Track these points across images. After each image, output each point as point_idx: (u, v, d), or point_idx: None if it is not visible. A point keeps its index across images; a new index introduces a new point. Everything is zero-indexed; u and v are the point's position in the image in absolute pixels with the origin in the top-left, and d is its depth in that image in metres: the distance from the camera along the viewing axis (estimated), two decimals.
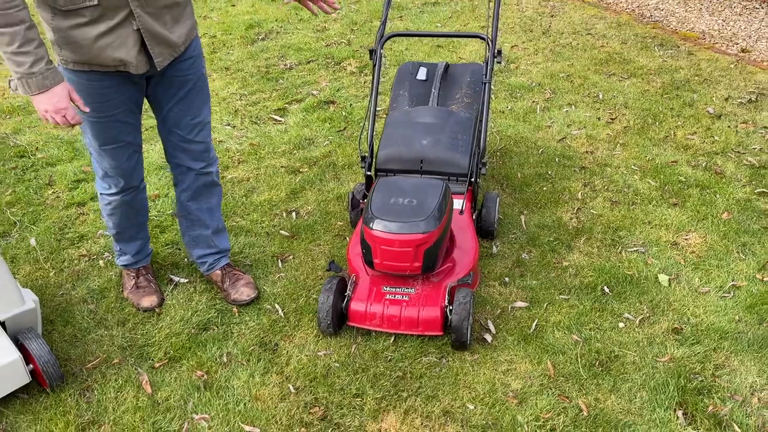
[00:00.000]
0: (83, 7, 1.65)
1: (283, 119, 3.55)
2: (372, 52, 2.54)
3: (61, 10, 1.66)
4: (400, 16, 4.88)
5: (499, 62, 2.51)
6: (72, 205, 2.85)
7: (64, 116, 1.68)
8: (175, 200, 2.27)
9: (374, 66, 2.54)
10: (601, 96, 3.65)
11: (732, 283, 2.29)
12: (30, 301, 1.96)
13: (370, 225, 2.00)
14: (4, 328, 1.90)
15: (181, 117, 2.02)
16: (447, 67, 2.76)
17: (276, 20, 4.94)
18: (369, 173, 2.44)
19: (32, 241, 2.59)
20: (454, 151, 2.38)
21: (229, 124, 3.50)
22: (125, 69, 1.78)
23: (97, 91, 1.82)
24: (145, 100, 2.01)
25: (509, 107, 3.56)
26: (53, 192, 2.96)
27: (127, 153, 1.99)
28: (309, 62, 4.23)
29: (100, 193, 2.12)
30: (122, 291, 2.31)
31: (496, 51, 2.46)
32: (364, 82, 3.92)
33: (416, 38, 4.40)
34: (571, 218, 2.66)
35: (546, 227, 2.61)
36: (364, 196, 2.46)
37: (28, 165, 3.17)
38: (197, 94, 2.02)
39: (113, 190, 2.07)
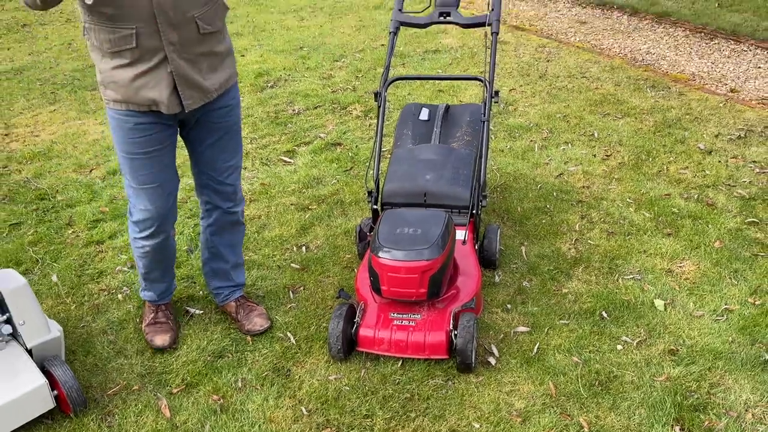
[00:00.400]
0: (124, 50, 1.82)
1: (292, 160, 3.71)
2: (377, 94, 2.71)
3: (108, 53, 1.84)
4: (403, 63, 5.10)
5: (497, 102, 2.67)
6: (91, 244, 2.98)
7: None
8: (200, 232, 2.40)
9: (379, 107, 2.69)
10: (596, 134, 3.81)
11: (725, 306, 2.38)
12: (55, 330, 2.08)
13: (378, 253, 2.12)
14: (31, 355, 2.00)
15: (214, 160, 2.15)
16: (447, 108, 2.92)
17: (284, 69, 5.17)
18: (375, 207, 2.57)
19: (54, 278, 2.71)
20: (456, 185, 2.52)
21: None
22: (157, 108, 1.92)
23: (134, 128, 1.97)
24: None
25: (508, 146, 3.72)
26: (73, 231, 3.09)
27: (161, 195, 2.09)
28: (316, 107, 4.42)
29: (133, 237, 2.20)
30: (141, 322, 2.41)
31: (493, 92, 2.63)
32: (369, 125, 4.09)
33: (418, 83, 4.60)
34: (569, 248, 2.78)
35: (545, 257, 2.72)
36: (371, 229, 2.59)
37: (49, 207, 3.32)
38: (230, 139, 2.16)
39: (145, 234, 2.16)
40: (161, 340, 2.29)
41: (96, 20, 1.81)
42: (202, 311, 2.49)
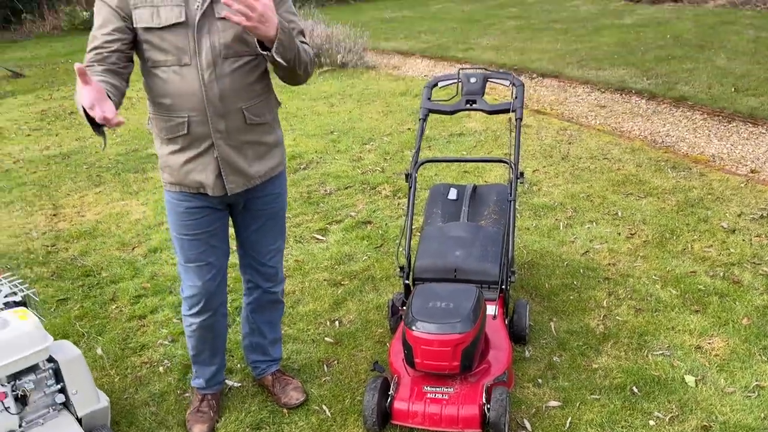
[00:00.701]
0: (177, 136, 2.00)
1: (324, 238, 3.86)
2: (408, 176, 2.87)
3: (164, 139, 2.03)
4: (429, 146, 5.31)
5: (522, 183, 2.81)
6: (134, 318, 3.11)
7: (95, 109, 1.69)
8: (241, 308, 2.51)
9: (410, 188, 2.85)
10: (620, 213, 3.91)
11: (756, 383, 2.39)
12: (104, 400, 2.17)
13: (412, 326, 2.20)
14: (81, 424, 2.09)
15: (258, 243, 2.29)
16: (475, 188, 3.07)
17: (316, 151, 5.42)
18: (407, 282, 2.68)
19: (99, 350, 2.83)
20: (485, 261, 2.62)
21: None
22: (204, 191, 2.08)
23: (185, 210, 2.12)
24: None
25: (534, 224, 3.83)
26: (116, 306, 3.23)
27: (208, 273, 2.20)
28: (347, 188, 4.61)
29: (183, 315, 2.31)
30: (187, 406, 2.47)
31: (518, 173, 2.77)
32: (398, 204, 4.25)
33: (445, 164, 4.79)
34: (598, 324, 2.83)
35: (575, 333, 2.77)
36: (403, 303, 2.68)
37: (94, 283, 3.48)
38: (274, 225, 2.29)
39: (193, 311, 2.26)
40: (198, 429, 2.33)
41: (156, 110, 2.01)
42: (240, 384, 2.56)
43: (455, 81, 3.07)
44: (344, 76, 8.17)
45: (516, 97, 2.98)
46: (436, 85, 3.12)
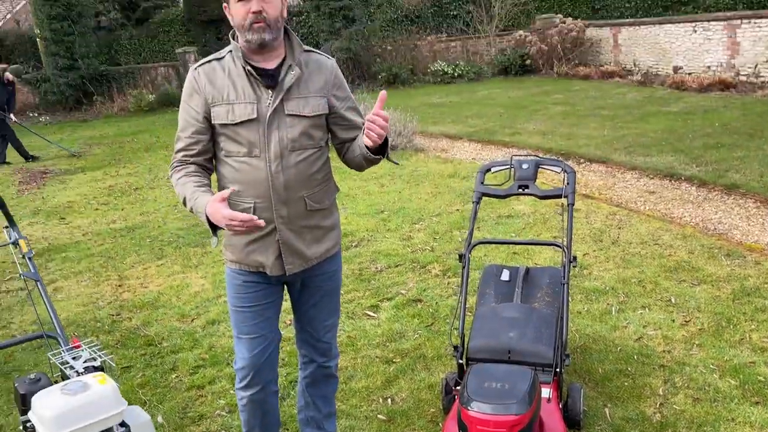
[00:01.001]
0: None
1: (375, 315, 3.94)
2: (461, 256, 2.97)
3: None
4: (478, 227, 5.42)
5: (575, 266, 2.87)
6: (192, 388, 3.21)
7: (228, 227, 1.93)
8: (297, 381, 2.59)
9: (463, 268, 2.94)
10: (673, 300, 3.89)
11: None
12: None
13: (467, 406, 2.24)
14: None
15: (314, 320, 2.39)
16: (527, 270, 3.14)
17: (367, 230, 5.58)
18: (461, 362, 2.72)
19: (159, 418, 2.93)
20: (539, 344, 2.65)
21: None
22: (264, 270, 2.21)
23: (242, 285, 2.25)
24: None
25: (585, 308, 3.83)
26: (176, 376, 3.35)
27: (259, 346, 2.28)
28: (397, 266, 4.72)
29: (235, 388, 2.38)
30: None
31: (571, 257, 2.84)
32: (448, 284, 4.32)
33: (494, 245, 4.87)
34: (654, 413, 2.78)
35: (630, 420, 2.73)
36: (457, 383, 2.71)
37: (156, 352, 3.62)
38: (328, 302, 2.39)
39: (243, 384, 2.32)
40: None
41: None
42: None
43: (508, 167, 3.20)
44: (394, 157, 8.45)
45: (567, 183, 3.08)
46: (489, 170, 3.26)
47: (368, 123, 2.04)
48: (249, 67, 2.09)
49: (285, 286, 2.36)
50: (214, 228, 1.99)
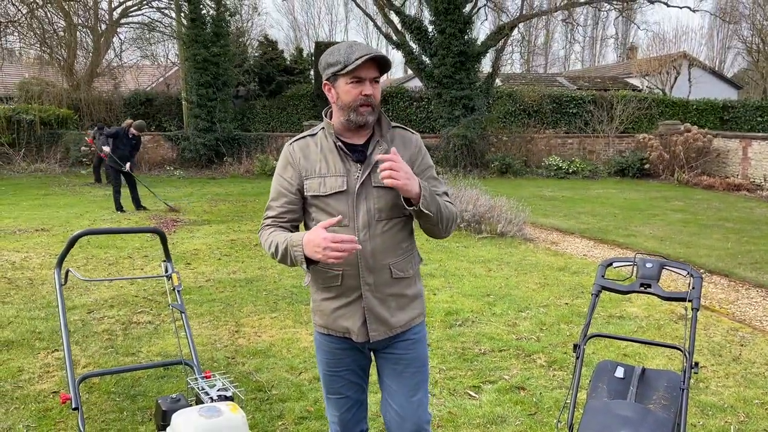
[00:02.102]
0: (332, 287, 2.29)
1: (477, 396, 3.93)
2: (576, 346, 2.97)
3: (320, 287, 2.33)
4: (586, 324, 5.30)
5: (695, 373, 2.78)
6: None
7: (328, 250, 2.04)
8: None
9: (577, 358, 2.93)
10: None
11: None
12: None
13: None
14: None
15: (397, 393, 2.37)
16: (644, 370, 3.07)
17: (471, 311, 5.62)
18: None
19: None
20: None
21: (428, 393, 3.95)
22: (349, 335, 2.33)
23: (331, 350, 2.39)
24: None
25: (701, 423, 3.64)
26: (282, 423, 3.50)
27: (345, 405, 2.44)
28: (501, 350, 4.70)
29: None
30: None
31: (693, 362, 2.76)
32: (553, 376, 4.25)
33: (603, 345, 4.75)
34: None
35: None
36: None
37: (265, 398, 3.81)
38: (412, 374, 2.37)
39: None
40: None
41: (316, 263, 2.25)
42: None
43: (631, 263, 3.20)
44: (503, 244, 8.50)
45: (693, 288, 3.03)
46: (611, 264, 3.27)
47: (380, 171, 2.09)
48: (340, 143, 2.27)
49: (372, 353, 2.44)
50: (309, 262, 2.13)
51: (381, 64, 2.20)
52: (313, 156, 2.28)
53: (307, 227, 2.34)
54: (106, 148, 11.29)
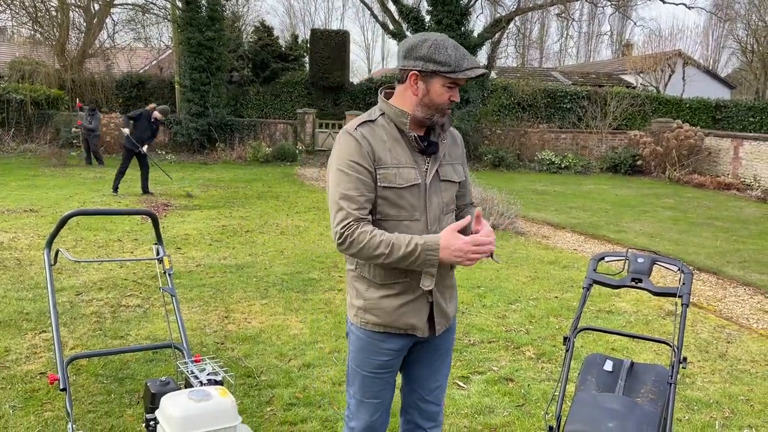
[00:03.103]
0: (396, 282, 2.18)
1: (466, 386, 3.95)
2: (566, 339, 2.98)
3: (379, 284, 2.19)
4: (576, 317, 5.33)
5: (684, 368, 2.80)
6: (285, 423, 3.34)
7: (470, 254, 2.06)
8: None
9: (567, 350, 2.94)
10: None
11: None
12: None
13: None
14: None
15: (427, 380, 2.39)
16: (632, 364, 3.08)
17: (462, 303, 5.63)
18: None
19: None
20: None
21: None
22: (413, 332, 2.25)
23: (380, 351, 2.25)
24: None
25: (686, 417, 3.67)
26: (271, 409, 3.49)
27: (379, 410, 2.33)
28: (490, 342, 4.72)
29: None
30: None
31: (681, 357, 2.78)
32: (542, 368, 4.27)
33: (592, 338, 4.78)
34: None
35: None
36: None
37: (253, 384, 3.80)
38: (442, 362, 2.41)
39: None
40: None
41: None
42: None
43: (623, 258, 3.21)
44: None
45: (684, 284, 3.05)
46: (603, 258, 3.28)
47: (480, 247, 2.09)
48: (414, 135, 2.16)
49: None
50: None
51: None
52: (380, 144, 2.15)
53: (372, 223, 2.20)
54: (126, 130, 11.13)
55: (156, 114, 11.12)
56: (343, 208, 2.08)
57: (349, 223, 2.07)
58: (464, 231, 2.17)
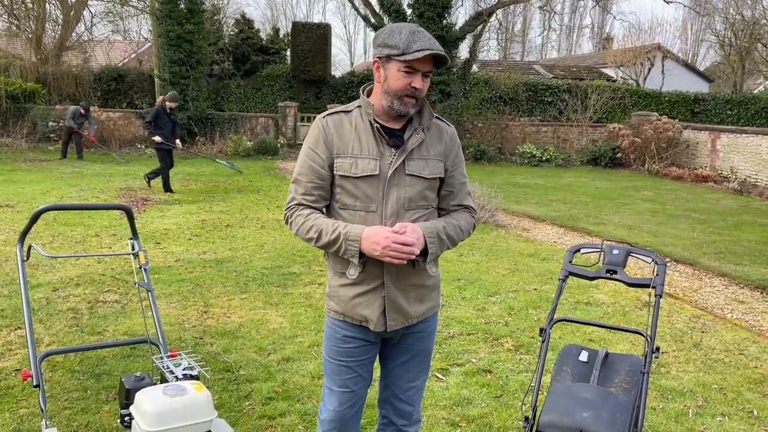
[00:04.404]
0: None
1: (444, 378, 3.97)
2: (542, 330, 3.01)
3: (339, 272, 2.25)
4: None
5: (657, 357, 2.84)
6: (264, 417, 3.34)
7: (388, 250, 2.04)
8: None
9: (543, 341, 2.98)
10: (755, 413, 3.72)
11: None
12: None
13: None
14: None
15: (400, 378, 2.40)
16: (607, 354, 3.13)
17: (442, 295, 5.65)
18: None
19: None
20: (612, 428, 2.62)
21: None
22: (366, 324, 2.27)
23: (343, 339, 2.30)
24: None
25: (661, 406, 3.73)
26: (249, 404, 3.49)
27: (349, 401, 2.35)
28: (469, 334, 4.75)
29: None
30: None
31: (654, 347, 2.82)
32: (520, 360, 4.31)
33: (570, 330, 4.83)
34: None
35: None
36: None
37: (232, 378, 3.79)
38: (418, 363, 2.40)
39: None
40: None
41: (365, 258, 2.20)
42: None
43: (598, 250, 3.25)
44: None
45: (657, 275, 3.09)
46: (578, 250, 3.31)
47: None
48: (378, 125, 2.20)
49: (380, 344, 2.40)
50: (362, 255, 2.10)
51: (437, 59, 2.13)
52: (346, 134, 2.19)
53: (329, 208, 2.28)
54: (158, 138, 10.76)
55: (169, 104, 10.92)
56: (291, 191, 2.25)
57: (291, 206, 2.23)
58: None
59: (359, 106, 2.25)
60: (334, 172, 2.19)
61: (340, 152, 2.18)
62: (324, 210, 2.30)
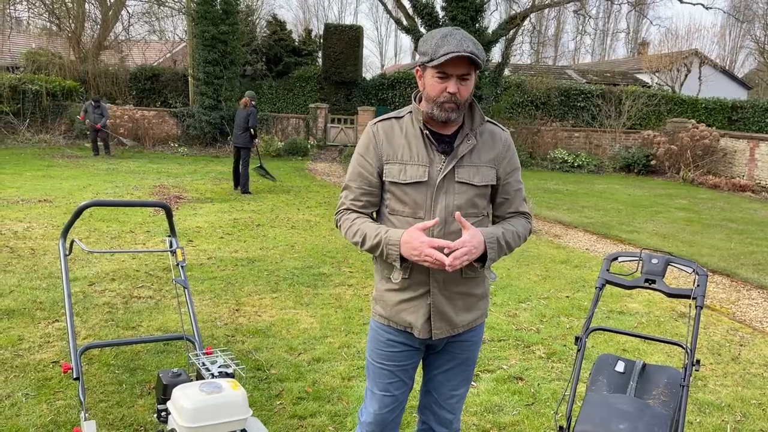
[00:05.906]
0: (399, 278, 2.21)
1: (475, 384, 3.94)
2: (578, 339, 2.96)
3: (386, 277, 2.24)
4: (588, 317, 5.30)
5: (697, 370, 2.78)
6: (294, 417, 3.35)
7: (423, 255, 2.01)
8: None
9: (578, 350, 2.93)
10: None
11: None
12: None
13: None
14: None
15: (442, 385, 2.37)
16: (644, 365, 3.06)
17: None
18: None
19: None
20: None
21: None
22: (411, 331, 2.25)
23: (387, 342, 2.28)
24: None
25: (698, 420, 3.65)
26: (280, 403, 3.50)
27: (390, 405, 2.32)
28: (500, 340, 4.70)
29: None
30: None
31: (694, 360, 2.76)
32: (552, 368, 4.25)
33: (603, 339, 4.75)
34: None
35: None
36: None
37: (263, 377, 3.81)
38: (461, 372, 2.37)
39: None
40: None
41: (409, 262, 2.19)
42: None
43: (636, 258, 3.19)
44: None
45: (698, 285, 3.02)
46: (616, 258, 3.25)
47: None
48: (427, 131, 2.16)
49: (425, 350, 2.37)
50: (402, 260, 2.09)
51: (473, 60, 2.05)
52: (396, 140, 2.19)
53: (379, 214, 2.28)
54: (257, 140, 11.31)
55: (247, 101, 11.20)
56: (341, 196, 2.29)
57: (340, 210, 2.28)
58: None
59: (410, 112, 2.25)
60: (384, 178, 2.19)
61: (390, 158, 2.18)
62: (374, 215, 2.30)
